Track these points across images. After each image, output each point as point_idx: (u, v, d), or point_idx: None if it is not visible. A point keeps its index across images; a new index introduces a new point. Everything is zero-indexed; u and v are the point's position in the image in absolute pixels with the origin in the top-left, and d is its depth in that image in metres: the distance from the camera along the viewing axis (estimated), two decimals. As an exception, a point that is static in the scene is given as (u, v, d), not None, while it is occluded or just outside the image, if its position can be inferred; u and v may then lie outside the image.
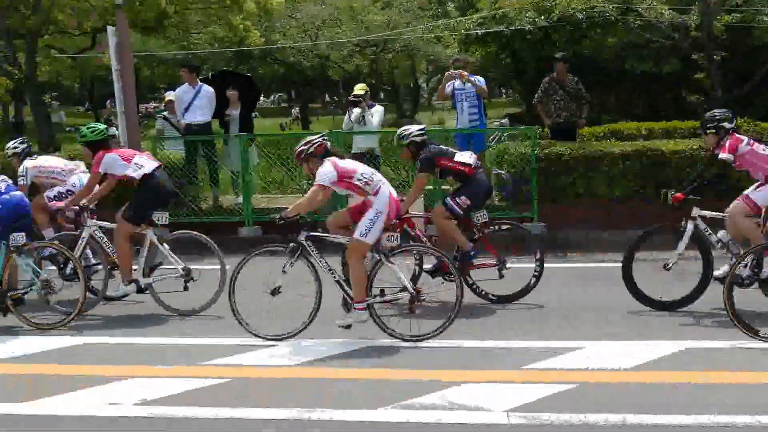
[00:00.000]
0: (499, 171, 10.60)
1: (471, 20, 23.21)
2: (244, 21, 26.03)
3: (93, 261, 8.00)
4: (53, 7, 13.98)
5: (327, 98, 63.63)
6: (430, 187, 9.93)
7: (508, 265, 7.54)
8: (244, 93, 12.18)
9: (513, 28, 20.77)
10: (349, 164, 6.60)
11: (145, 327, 7.16)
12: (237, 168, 11.20)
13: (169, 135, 12.04)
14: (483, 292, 7.59)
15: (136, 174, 7.51)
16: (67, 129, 40.63)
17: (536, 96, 11.61)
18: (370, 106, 11.28)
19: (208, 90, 11.45)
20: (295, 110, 52.14)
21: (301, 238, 6.51)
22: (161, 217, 7.58)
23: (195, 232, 7.88)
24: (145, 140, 11.93)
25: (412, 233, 7.58)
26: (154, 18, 21.95)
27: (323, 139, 6.67)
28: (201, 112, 11.36)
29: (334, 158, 6.53)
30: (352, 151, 10.82)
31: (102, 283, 7.64)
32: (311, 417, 4.89)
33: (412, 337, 6.35)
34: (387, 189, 6.52)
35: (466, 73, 10.88)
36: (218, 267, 7.50)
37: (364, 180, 6.44)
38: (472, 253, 7.52)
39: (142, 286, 7.55)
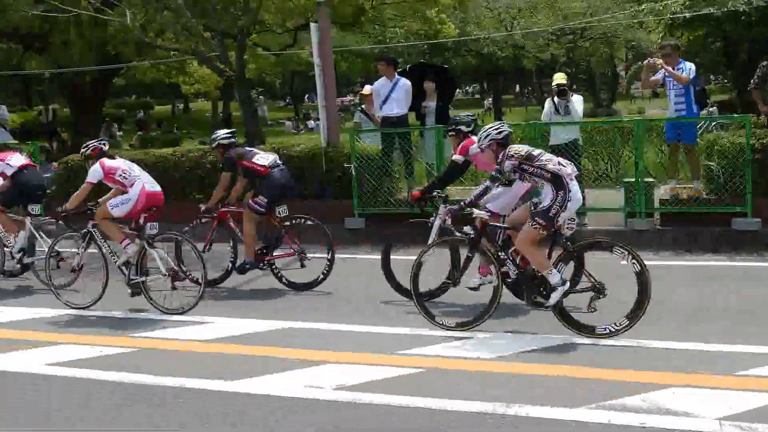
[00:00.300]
0: (709, 163, 10.01)
1: (677, 2, 22.09)
2: (439, 13, 26.24)
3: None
4: (261, 8, 14.78)
5: (519, 89, 62.95)
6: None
7: (309, 256, 8.54)
8: (441, 85, 12.27)
9: (725, 9, 19.51)
10: (114, 163, 8.17)
11: (349, 314, 7.40)
12: (432, 160, 11.30)
13: (366, 128, 12.35)
14: (284, 279, 8.70)
15: (8, 172, 9.45)
16: (269, 123, 42.89)
17: (752, 82, 10.83)
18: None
19: (405, 83, 11.63)
20: (488, 101, 52.01)
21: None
22: (34, 208, 9.63)
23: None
24: (343, 133, 12.31)
25: (230, 225, 8.90)
26: (353, 14, 22.59)
27: (99, 144, 8.43)
28: (398, 105, 11.56)
29: (104, 159, 8.18)
30: (550, 143, 10.59)
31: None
32: (508, 412, 4.84)
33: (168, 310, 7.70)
34: (141, 183, 8.00)
35: (660, 61, 10.39)
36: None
37: (124, 176, 8.04)
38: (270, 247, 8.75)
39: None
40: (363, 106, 12.92)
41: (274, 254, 8.77)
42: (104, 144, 8.61)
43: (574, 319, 6.33)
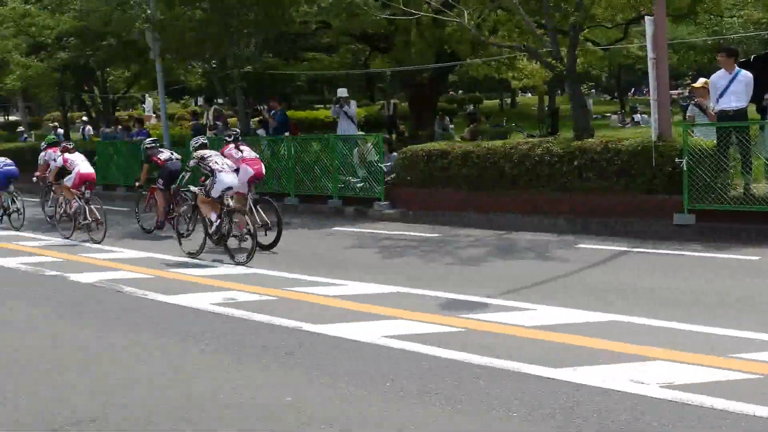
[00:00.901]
0: None
1: None
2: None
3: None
4: (594, 4, 14.62)
5: None
6: None
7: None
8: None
9: None
10: (71, 157, 13.92)
11: (682, 314, 7.12)
12: (772, 155, 10.40)
13: (699, 121, 11.68)
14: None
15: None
16: (594, 116, 42.00)
17: None
18: None
19: (745, 75, 10.82)
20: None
21: None
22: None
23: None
24: (674, 126, 11.77)
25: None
26: (688, 5, 21.39)
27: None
28: (736, 98, 10.80)
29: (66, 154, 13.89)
30: None
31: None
32: None
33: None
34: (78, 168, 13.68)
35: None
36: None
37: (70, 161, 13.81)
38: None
39: None
40: (696, 99, 12.23)
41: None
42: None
43: (229, 248, 10.77)
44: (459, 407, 5.04)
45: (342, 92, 17.80)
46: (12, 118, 52.75)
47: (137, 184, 14.88)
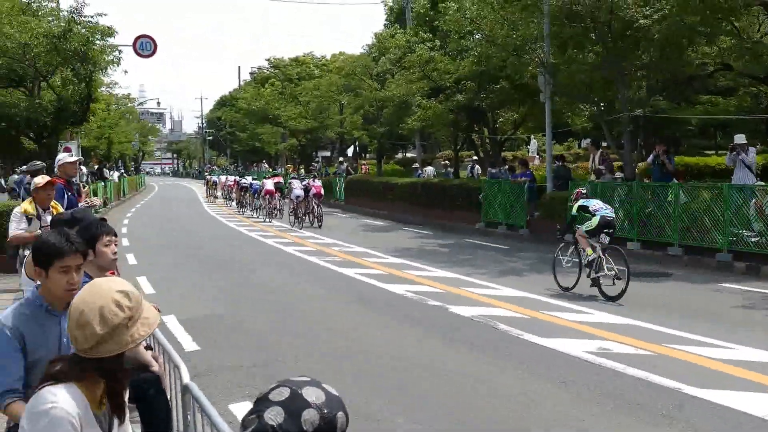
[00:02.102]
0: None
1: None
2: None
3: None
4: None
5: None
6: None
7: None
8: None
9: None
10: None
11: None
12: None
13: None
14: None
15: None
16: None
17: None
18: None
19: None
20: None
21: None
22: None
23: None
24: None
25: None
26: None
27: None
28: None
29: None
30: None
31: None
32: None
33: None
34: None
35: None
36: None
37: None
38: None
39: None
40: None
41: None
42: None
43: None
44: None
45: (739, 138, 16.51)
46: (408, 154, 57.62)
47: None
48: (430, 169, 33.51)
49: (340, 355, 8.15)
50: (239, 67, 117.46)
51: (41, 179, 8.06)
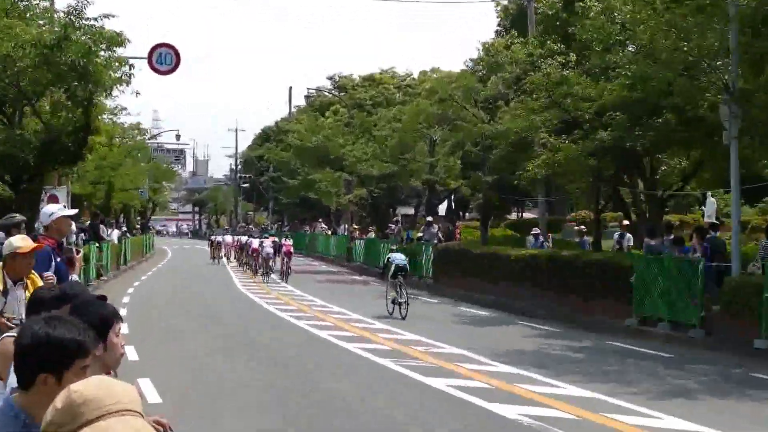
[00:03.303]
0: None
1: None
2: None
3: None
4: None
5: None
6: None
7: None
8: None
9: None
10: None
11: None
12: None
13: None
14: None
15: None
16: None
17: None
18: None
19: None
20: None
21: None
22: None
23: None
24: None
25: None
26: None
27: None
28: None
29: None
30: None
31: None
32: None
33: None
34: None
35: None
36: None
37: None
38: None
39: None
40: None
41: None
42: None
43: None
44: None
45: None
46: (527, 215, 57.30)
47: None
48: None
49: None
50: (290, 87, 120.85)
51: (22, 241, 7.80)
